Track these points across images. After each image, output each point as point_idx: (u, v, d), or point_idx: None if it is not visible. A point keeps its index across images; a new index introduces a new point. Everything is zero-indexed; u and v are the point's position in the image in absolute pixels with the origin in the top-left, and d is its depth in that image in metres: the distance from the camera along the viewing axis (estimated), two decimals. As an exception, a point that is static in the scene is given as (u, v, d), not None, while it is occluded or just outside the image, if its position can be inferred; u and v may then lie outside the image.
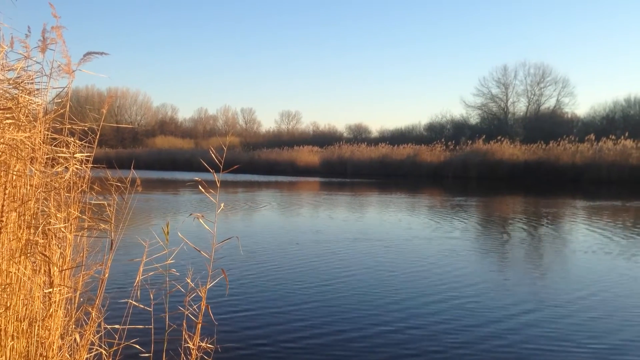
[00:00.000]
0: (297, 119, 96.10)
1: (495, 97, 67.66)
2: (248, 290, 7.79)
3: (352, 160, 53.31)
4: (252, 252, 10.71)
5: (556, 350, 5.60)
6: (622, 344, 5.78)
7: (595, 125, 57.26)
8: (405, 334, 6.02)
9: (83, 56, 3.44)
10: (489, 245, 12.85)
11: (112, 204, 3.49)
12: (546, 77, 65.44)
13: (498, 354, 5.46)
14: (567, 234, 14.63)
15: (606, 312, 6.99)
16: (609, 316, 6.81)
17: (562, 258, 11.16)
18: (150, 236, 3.83)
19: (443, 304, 7.26)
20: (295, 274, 8.98)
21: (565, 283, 8.70)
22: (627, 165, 40.14)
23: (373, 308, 7.02)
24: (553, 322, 6.51)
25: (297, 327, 6.22)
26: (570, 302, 7.45)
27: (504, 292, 8.01)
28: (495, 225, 16.69)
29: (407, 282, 8.53)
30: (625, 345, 5.74)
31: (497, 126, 63.22)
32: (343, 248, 11.53)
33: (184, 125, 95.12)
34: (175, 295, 4.09)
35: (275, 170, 54.06)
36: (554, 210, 20.52)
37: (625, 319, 6.71)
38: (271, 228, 14.95)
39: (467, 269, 9.68)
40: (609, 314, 6.89)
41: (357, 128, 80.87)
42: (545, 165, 43.07)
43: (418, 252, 11.20)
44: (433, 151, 49.72)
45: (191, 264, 3.77)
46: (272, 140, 74.46)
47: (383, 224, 15.62)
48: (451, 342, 5.80)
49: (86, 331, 3.35)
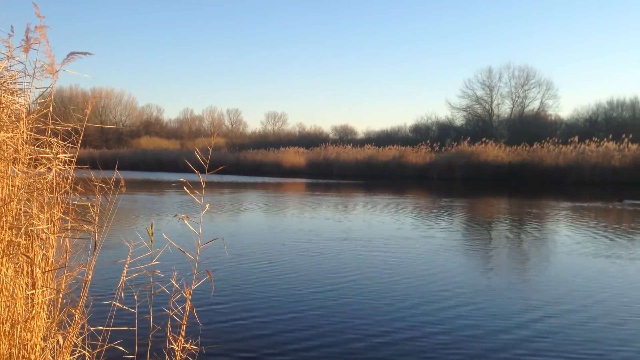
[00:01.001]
0: (283, 120, 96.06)
1: (480, 99, 68.16)
2: (233, 292, 7.77)
3: (338, 161, 53.38)
4: (238, 253, 10.68)
5: (540, 349, 5.65)
6: (614, 345, 5.86)
7: (578, 128, 57.87)
8: (394, 337, 6.04)
9: (67, 56, 3.42)
10: (474, 246, 12.94)
11: (96, 204, 3.47)
12: (530, 80, 66.08)
13: (482, 353, 5.51)
14: (550, 235, 14.76)
15: (595, 314, 7.08)
16: (597, 318, 6.89)
17: (545, 259, 11.25)
18: (135, 237, 3.81)
19: (428, 306, 7.29)
20: (281, 274, 8.97)
21: (550, 283, 8.78)
22: (609, 167, 40.61)
23: (357, 307, 7.03)
24: (537, 321, 6.58)
25: (282, 328, 6.22)
26: (554, 303, 7.53)
27: (488, 293, 8.07)
28: (479, 226, 16.80)
29: (394, 283, 8.55)
30: (616, 346, 5.82)
31: (482, 128, 63.67)
32: (329, 249, 11.53)
33: (169, 125, 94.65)
34: (160, 297, 4.08)
35: (261, 171, 53.96)
36: (537, 212, 20.70)
37: (613, 321, 6.79)
38: (257, 229, 14.93)
39: (452, 269, 9.73)
40: (598, 317, 6.97)
41: (343, 129, 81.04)
42: (529, 167, 43.44)
43: (403, 252, 11.24)
44: (418, 152, 49.93)
45: (176, 266, 3.76)
46: (258, 141, 74.31)
47: (368, 225, 15.66)
48: (438, 342, 5.83)
49: (69, 333, 3.33)
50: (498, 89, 67.54)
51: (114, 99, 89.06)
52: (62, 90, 77.40)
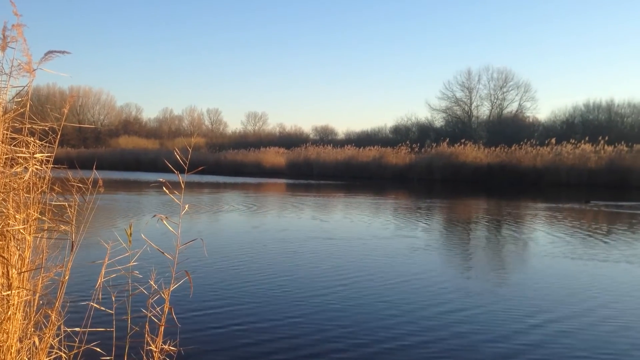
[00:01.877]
0: (263, 120, 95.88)
1: (460, 101, 68.80)
2: (212, 292, 7.74)
3: (318, 161, 53.43)
4: (218, 254, 10.63)
5: (519, 345, 5.73)
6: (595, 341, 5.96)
7: (555, 130, 58.64)
8: (374, 337, 6.07)
9: (44, 55, 3.38)
10: (452, 246, 13.06)
11: (73, 205, 3.44)
12: (509, 82, 66.89)
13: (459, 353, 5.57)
14: (527, 235, 14.94)
15: (575, 312, 7.19)
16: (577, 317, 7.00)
17: (523, 259, 11.40)
18: (113, 238, 3.78)
19: (408, 306, 7.34)
20: (261, 275, 8.96)
21: (526, 284, 8.90)
22: (585, 168, 41.24)
23: (336, 306, 7.06)
24: (514, 321, 6.66)
25: (261, 329, 6.21)
26: (530, 300, 7.63)
27: (467, 294, 8.15)
28: (457, 227, 16.95)
29: (375, 284, 8.58)
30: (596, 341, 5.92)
31: (461, 129, 64.22)
32: (309, 249, 11.54)
33: (148, 125, 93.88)
34: (138, 298, 4.05)
35: (241, 172, 53.80)
36: (515, 213, 20.94)
37: (594, 321, 6.91)
38: (237, 230, 14.88)
39: (430, 270, 9.81)
40: (578, 315, 7.08)
41: (323, 130, 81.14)
42: (508, 168, 43.93)
43: (382, 253, 11.29)
44: (398, 153, 50.20)
45: (154, 266, 3.75)
46: (238, 141, 74.07)
47: (349, 226, 15.70)
48: (415, 342, 5.88)
49: (45, 334, 3.29)
50: (477, 90, 68.31)
51: (92, 98, 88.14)
52: (40, 89, 76.33)
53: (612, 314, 7.10)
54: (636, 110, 59.45)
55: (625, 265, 10.38)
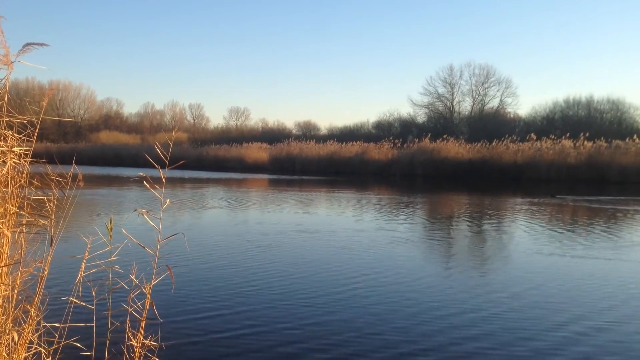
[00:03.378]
0: (245, 116, 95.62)
1: (442, 97, 69.23)
2: (194, 287, 7.72)
3: (300, 157, 53.40)
4: (200, 248, 10.60)
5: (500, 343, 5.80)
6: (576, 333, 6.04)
7: (536, 125, 59.27)
8: (356, 332, 6.10)
9: (22, 47, 3.34)
10: (434, 242, 13.14)
11: (52, 199, 3.40)
12: (490, 78, 67.42)
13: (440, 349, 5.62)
14: (508, 230, 15.09)
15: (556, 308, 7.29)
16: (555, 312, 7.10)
17: (505, 254, 11.52)
18: (93, 233, 3.76)
19: (387, 298, 7.39)
20: (243, 269, 8.94)
21: (508, 278, 9.00)
22: (565, 164, 41.72)
23: (318, 300, 7.08)
24: (491, 316, 6.74)
25: (243, 323, 6.20)
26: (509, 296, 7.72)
27: (449, 292, 8.22)
28: (440, 222, 17.07)
29: (358, 278, 8.61)
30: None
31: (443, 125, 64.60)
32: (292, 244, 11.55)
33: (129, 120, 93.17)
34: (119, 293, 4.03)
35: (223, 167, 53.61)
36: (496, 207, 21.13)
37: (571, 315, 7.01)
38: (219, 225, 14.83)
39: (412, 263, 9.87)
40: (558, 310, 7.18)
41: (306, 125, 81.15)
42: (489, 164, 44.28)
43: (364, 247, 11.33)
44: (381, 149, 50.33)
45: (135, 261, 3.72)
46: (220, 136, 73.76)
47: (331, 221, 15.73)
48: (399, 336, 5.92)
49: (24, 329, 3.26)
50: (459, 86, 68.79)
51: (72, 92, 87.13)
52: (18, 82, 75.35)
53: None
54: (615, 106, 60.35)
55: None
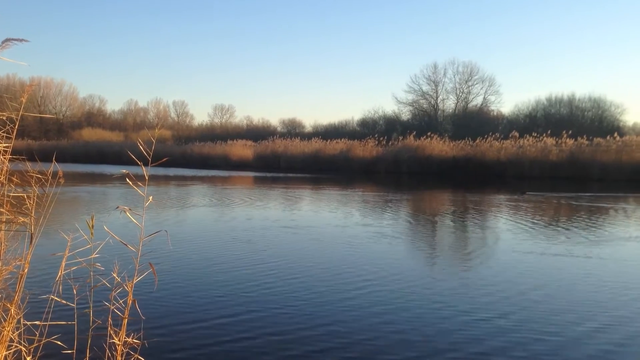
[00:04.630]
0: (230, 113, 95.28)
1: (426, 94, 69.57)
2: (177, 285, 7.69)
3: (285, 154, 53.36)
4: (183, 246, 10.56)
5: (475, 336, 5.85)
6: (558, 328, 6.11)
7: (519, 123, 59.84)
8: (342, 327, 6.12)
9: (1, 42, 3.30)
10: (418, 238, 13.21)
11: (32, 196, 3.37)
12: (474, 76, 67.90)
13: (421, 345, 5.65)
14: (492, 227, 15.22)
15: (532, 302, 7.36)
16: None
17: (488, 251, 11.61)
18: (74, 230, 3.73)
19: (368, 296, 7.42)
20: (226, 267, 8.92)
21: (491, 275, 9.07)
22: (547, 161, 42.13)
23: (302, 295, 7.09)
24: (474, 310, 6.80)
25: (226, 321, 6.20)
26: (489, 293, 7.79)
27: (433, 288, 8.27)
28: (424, 219, 17.15)
29: (343, 275, 8.63)
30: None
31: (427, 122, 64.93)
32: (277, 241, 11.54)
33: (112, 117, 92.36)
34: (101, 291, 4.00)
35: (208, 165, 53.40)
36: (479, 204, 21.28)
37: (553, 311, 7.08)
38: (204, 222, 14.77)
39: (395, 260, 9.91)
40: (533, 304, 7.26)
41: (290, 123, 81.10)
42: (473, 161, 44.58)
43: (349, 244, 11.36)
44: (366, 146, 50.43)
45: (117, 259, 3.69)
46: (205, 133, 73.46)
47: (315, 217, 15.74)
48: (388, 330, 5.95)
49: (4, 328, 3.23)
50: (443, 84, 69.19)
51: (54, 89, 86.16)
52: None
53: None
54: (596, 104, 61.07)
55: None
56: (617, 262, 10.06)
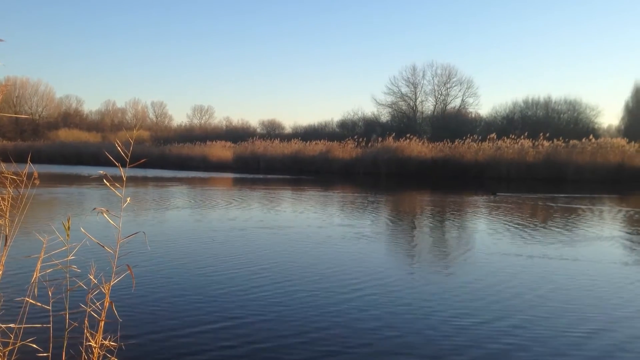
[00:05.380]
0: (209, 114, 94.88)
1: (405, 96, 69.92)
2: (155, 286, 7.63)
3: (265, 156, 53.22)
4: (161, 248, 10.47)
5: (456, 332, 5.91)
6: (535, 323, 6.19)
7: (496, 125, 60.43)
8: (319, 329, 6.13)
9: (-25, 42, 3.25)
10: (397, 239, 13.28)
11: (7, 197, 3.33)
12: (452, 78, 68.43)
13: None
14: (469, 227, 15.36)
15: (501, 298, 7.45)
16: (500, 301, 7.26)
17: (466, 252, 11.72)
18: (50, 232, 3.69)
19: (348, 295, 7.45)
20: (206, 269, 8.87)
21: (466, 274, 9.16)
22: (524, 163, 42.62)
23: (280, 298, 7.08)
24: (447, 306, 6.86)
25: (204, 323, 6.16)
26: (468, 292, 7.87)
27: (411, 287, 8.32)
28: (402, 220, 17.25)
29: (322, 277, 8.64)
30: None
31: (406, 124, 65.27)
32: (256, 243, 11.51)
33: (89, 117, 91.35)
34: (77, 293, 3.97)
35: (187, 166, 53.07)
36: (451, 205, 21.47)
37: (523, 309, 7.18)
38: (182, 224, 14.67)
39: (375, 261, 9.96)
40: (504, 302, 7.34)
41: (270, 124, 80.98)
42: (451, 163, 44.90)
43: (328, 245, 11.38)
44: (345, 148, 50.49)
45: (94, 261, 3.67)
46: (184, 134, 72.96)
47: (295, 219, 15.72)
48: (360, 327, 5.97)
49: (-22, 331, 3.19)
50: (422, 86, 69.59)
51: (30, 89, 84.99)
52: (-28, 78, 73.02)
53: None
54: (572, 107, 62.03)
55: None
56: (580, 262, 10.23)
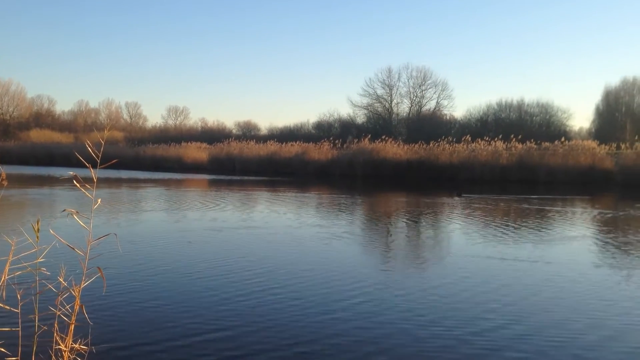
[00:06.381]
0: (185, 115, 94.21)
1: (381, 98, 70.33)
2: (127, 289, 7.55)
3: (240, 157, 52.98)
4: (133, 250, 10.37)
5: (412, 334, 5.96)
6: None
7: (470, 127, 61.12)
8: (290, 330, 6.13)
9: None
10: (371, 241, 13.35)
11: (-27, 199, 3.28)
12: (427, 80, 69.06)
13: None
14: (444, 228, 15.50)
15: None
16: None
17: (439, 253, 11.83)
18: (19, 233, 3.64)
19: (321, 296, 7.46)
20: (177, 270, 8.81)
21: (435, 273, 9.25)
22: (497, 165, 43.12)
23: (254, 300, 7.07)
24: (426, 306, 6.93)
25: (176, 325, 6.12)
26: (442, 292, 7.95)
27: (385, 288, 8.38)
28: (377, 222, 17.33)
29: (296, 279, 8.64)
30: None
31: (382, 126, 65.65)
32: (228, 242, 11.47)
33: (62, 118, 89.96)
34: (47, 296, 3.92)
35: (161, 167, 52.59)
36: (432, 207, 21.66)
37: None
38: (154, 225, 14.53)
39: (347, 261, 10.00)
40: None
41: (246, 125, 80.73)
42: (426, 164, 45.21)
43: (303, 246, 11.39)
44: (321, 149, 50.50)
45: (64, 263, 3.63)
46: (158, 135, 72.29)
47: (270, 220, 15.68)
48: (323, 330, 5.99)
49: (-56, 335, 3.13)
50: (397, 88, 70.09)
51: (1, 89, 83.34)
52: (-60, 77, 71.46)
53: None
54: (544, 109, 63.09)
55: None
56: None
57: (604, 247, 12.59)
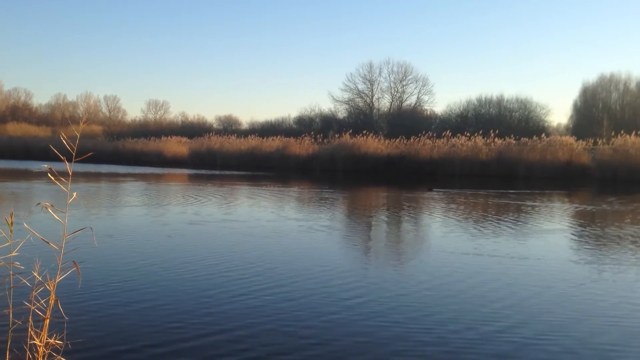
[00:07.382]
0: (165, 109, 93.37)
1: (362, 93, 70.44)
2: (103, 283, 7.49)
3: (221, 152, 52.75)
4: (110, 244, 10.29)
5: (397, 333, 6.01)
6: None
7: (451, 123, 61.53)
8: (278, 328, 6.14)
9: None
10: (351, 235, 13.40)
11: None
12: (408, 75, 69.28)
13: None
14: (424, 223, 15.62)
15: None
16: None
17: (418, 248, 11.92)
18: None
19: (301, 290, 7.48)
20: (154, 264, 8.75)
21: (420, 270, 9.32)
22: (477, 160, 43.48)
23: (230, 295, 7.06)
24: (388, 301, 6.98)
25: (152, 320, 6.07)
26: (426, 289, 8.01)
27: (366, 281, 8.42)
28: (357, 216, 17.40)
29: (273, 272, 8.65)
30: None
31: (363, 121, 65.73)
32: (206, 236, 11.44)
33: (39, 111, 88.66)
34: (21, 290, 3.87)
35: (141, 161, 52.15)
36: (412, 200, 21.80)
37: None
38: (132, 219, 14.40)
39: (327, 255, 10.03)
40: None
41: (227, 119, 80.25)
42: (407, 159, 45.46)
43: (284, 241, 11.40)
44: (302, 144, 50.48)
45: (39, 257, 3.59)
46: (138, 129, 71.65)
47: (250, 215, 15.66)
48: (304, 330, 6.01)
49: None
50: (378, 83, 70.25)
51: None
52: None
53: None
54: (523, 105, 63.70)
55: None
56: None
57: (580, 241, 12.80)
